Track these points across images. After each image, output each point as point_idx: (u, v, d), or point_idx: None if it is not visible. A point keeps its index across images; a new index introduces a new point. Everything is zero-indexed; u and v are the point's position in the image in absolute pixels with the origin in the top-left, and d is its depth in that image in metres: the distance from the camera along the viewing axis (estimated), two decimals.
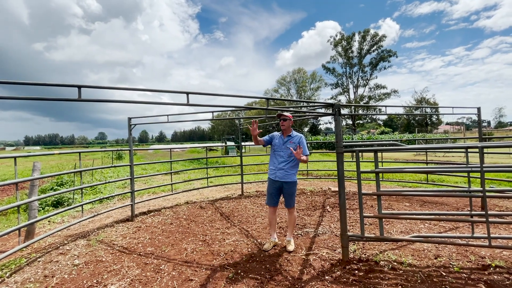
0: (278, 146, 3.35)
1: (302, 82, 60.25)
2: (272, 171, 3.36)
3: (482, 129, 5.19)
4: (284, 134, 3.38)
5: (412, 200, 5.58)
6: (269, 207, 3.53)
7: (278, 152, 3.35)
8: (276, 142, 3.40)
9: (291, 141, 3.31)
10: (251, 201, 6.09)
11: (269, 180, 3.41)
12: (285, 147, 3.30)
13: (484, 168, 2.77)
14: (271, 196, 3.43)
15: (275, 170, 3.33)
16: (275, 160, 3.36)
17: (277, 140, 3.41)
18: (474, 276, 2.56)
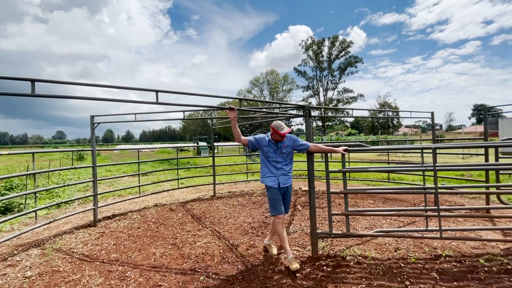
0: (271, 153, 3.05)
1: (275, 84, 61.28)
2: (273, 179, 3.03)
3: (435, 131, 5.73)
4: (274, 141, 3.06)
5: (376, 198, 5.95)
6: (279, 216, 2.99)
7: (272, 159, 3.06)
8: (268, 150, 3.05)
9: (284, 145, 3.05)
10: (224, 202, 6.03)
11: (273, 189, 3.02)
12: (280, 152, 3.05)
13: (437, 167, 3.06)
14: (279, 203, 3.01)
15: (276, 177, 3.03)
16: (271, 168, 3.05)
17: (268, 147, 3.05)
18: (428, 265, 2.81)
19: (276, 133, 2.94)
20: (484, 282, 2.44)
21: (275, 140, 3.04)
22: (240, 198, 6.46)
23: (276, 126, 2.96)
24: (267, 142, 3.07)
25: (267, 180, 3.06)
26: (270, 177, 3.06)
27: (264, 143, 3.08)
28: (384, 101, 53.81)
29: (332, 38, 50.34)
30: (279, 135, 2.96)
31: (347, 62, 50.34)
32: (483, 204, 5.09)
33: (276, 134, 2.96)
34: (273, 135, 3.03)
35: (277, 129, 2.94)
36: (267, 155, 3.07)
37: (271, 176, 3.06)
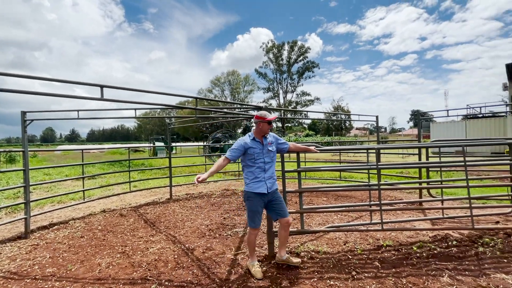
0: (258, 153, 2.72)
1: (236, 84, 61.29)
2: (261, 184, 2.68)
3: (379, 134, 6.34)
4: (260, 137, 2.78)
5: (329, 195, 6.33)
6: (255, 229, 2.79)
7: (260, 159, 2.72)
8: (254, 151, 2.71)
9: (269, 142, 2.82)
10: (181, 205, 5.80)
11: (256, 196, 2.68)
12: (267, 151, 2.76)
13: (380, 166, 3.37)
14: (259, 214, 2.75)
15: (263, 181, 2.69)
16: (259, 172, 2.70)
17: (254, 147, 2.71)
18: (371, 256, 3.08)
19: (264, 120, 2.69)
20: (416, 267, 2.77)
21: (261, 136, 2.77)
22: (199, 200, 6.29)
23: (261, 114, 2.73)
24: (251, 142, 2.73)
25: (254, 186, 2.67)
26: (257, 183, 2.68)
27: (249, 144, 2.72)
28: (338, 105, 57.76)
29: (292, 42, 52.39)
30: (267, 123, 2.71)
31: (305, 66, 52.89)
32: (417, 198, 5.79)
33: (264, 123, 2.70)
34: (260, 127, 2.73)
35: (264, 116, 2.70)
36: (254, 156, 2.70)
37: (258, 181, 2.69)
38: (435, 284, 2.42)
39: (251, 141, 2.74)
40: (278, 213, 2.79)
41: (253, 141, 2.75)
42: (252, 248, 2.83)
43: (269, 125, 2.75)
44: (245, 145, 2.71)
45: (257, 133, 2.77)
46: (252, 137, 2.77)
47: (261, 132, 2.75)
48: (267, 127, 2.75)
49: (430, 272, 2.64)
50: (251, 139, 2.76)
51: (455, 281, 2.46)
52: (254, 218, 2.74)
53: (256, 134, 2.77)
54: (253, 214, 2.73)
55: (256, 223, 2.76)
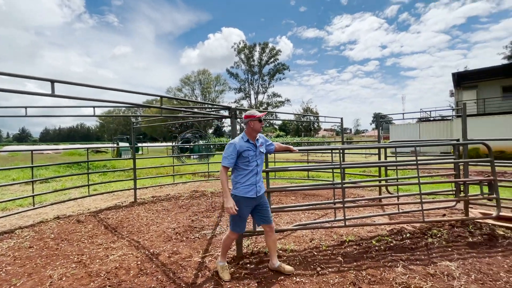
0: (252, 156, 2.61)
1: (207, 84, 60.27)
2: (251, 188, 2.59)
3: (345, 134, 6.67)
4: (252, 139, 2.66)
5: (297, 194, 6.51)
6: (235, 234, 2.69)
7: (253, 162, 2.61)
8: (249, 153, 2.59)
9: (260, 143, 2.72)
10: (146, 208, 5.53)
11: (243, 200, 2.56)
12: (259, 153, 2.67)
13: (343, 165, 3.54)
14: (243, 219, 2.64)
15: (254, 185, 2.60)
16: (249, 175, 2.59)
17: (248, 150, 2.59)
18: (335, 251, 3.22)
19: (254, 118, 2.57)
20: (375, 259, 2.96)
21: (253, 137, 2.65)
22: (165, 202, 6.05)
23: (250, 113, 2.61)
24: (244, 146, 2.58)
25: (245, 190, 2.57)
26: (248, 187, 2.57)
27: (243, 147, 2.56)
28: (307, 107, 59.75)
29: (263, 44, 52.96)
30: (258, 121, 2.60)
31: (276, 68, 53.82)
32: (377, 195, 6.20)
33: (255, 121, 2.58)
34: (252, 127, 2.60)
35: (253, 114, 2.59)
36: (249, 159, 2.58)
37: (249, 185, 2.58)
38: (390, 275, 2.61)
39: (245, 143, 2.59)
40: (263, 219, 2.71)
41: (247, 143, 2.60)
42: (226, 250, 2.76)
43: (260, 123, 2.63)
44: (239, 148, 2.55)
45: (250, 134, 2.63)
46: (246, 138, 2.62)
47: (253, 131, 2.62)
48: (259, 125, 2.63)
49: (386, 264, 2.84)
50: (244, 141, 2.61)
51: (407, 271, 2.68)
52: (239, 223, 2.63)
53: (249, 135, 2.63)
54: (240, 219, 2.61)
55: (241, 228, 2.65)
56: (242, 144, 2.58)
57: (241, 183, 2.58)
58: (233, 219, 2.64)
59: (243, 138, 2.63)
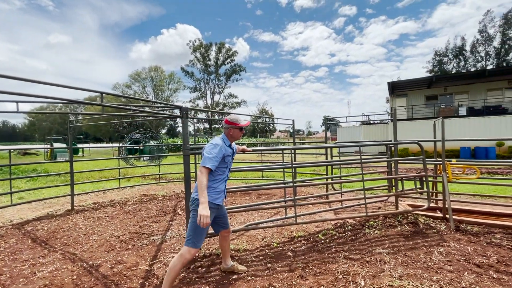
0: (230, 162, 2.51)
1: (160, 81, 57.14)
2: (220, 194, 2.44)
3: (297, 136, 7.00)
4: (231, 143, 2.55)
5: (251, 194, 6.61)
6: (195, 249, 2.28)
7: (227, 169, 2.50)
8: (229, 159, 2.47)
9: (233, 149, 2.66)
10: (85, 216, 4.99)
11: (212, 209, 2.32)
12: (232, 158, 2.60)
13: (295, 165, 3.71)
14: (205, 233, 2.40)
15: (223, 192, 2.47)
16: (222, 181, 2.45)
17: (229, 155, 2.47)
18: (285, 247, 3.36)
19: (236, 126, 2.44)
20: (321, 252, 3.18)
21: (231, 141, 2.52)
22: (110, 209, 5.54)
23: (233, 119, 2.46)
24: (229, 150, 2.45)
25: (214, 197, 2.37)
26: (218, 193, 2.40)
27: (227, 151, 2.42)
28: (263, 108, 61.16)
29: (219, 44, 52.44)
30: (238, 130, 2.46)
31: (232, 69, 53.82)
32: (325, 192, 6.67)
33: (235, 129, 2.45)
34: (231, 134, 2.47)
35: (236, 121, 2.44)
36: (227, 165, 2.46)
37: (220, 191, 2.42)
38: (333, 265, 2.83)
39: (228, 148, 2.44)
40: (222, 226, 2.61)
41: (228, 147, 2.45)
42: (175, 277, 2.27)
43: (240, 131, 2.48)
44: (224, 152, 2.36)
45: (230, 139, 2.50)
46: (228, 143, 2.47)
47: (232, 139, 2.50)
48: (240, 134, 2.49)
49: (331, 255, 3.07)
50: (227, 145, 2.44)
51: (348, 260, 2.94)
52: (201, 235, 2.27)
53: (230, 139, 2.50)
54: (202, 230, 2.25)
55: (200, 241, 2.29)
56: (227, 148, 2.41)
57: (213, 188, 2.37)
58: (197, 232, 2.24)
59: (225, 142, 2.44)
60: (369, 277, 2.57)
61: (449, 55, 42.00)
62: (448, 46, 42.08)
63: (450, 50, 41.84)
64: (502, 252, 3.01)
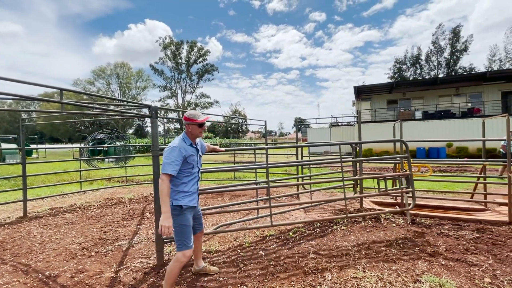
0: (196, 162, 2.38)
1: (127, 79, 54.24)
2: (194, 196, 2.37)
3: (269, 137, 7.12)
4: (194, 142, 2.42)
5: (224, 195, 6.57)
6: (190, 251, 2.25)
7: (196, 168, 2.40)
8: (193, 159, 2.34)
9: (201, 146, 2.58)
10: (41, 223, 4.57)
11: (189, 210, 2.31)
12: (199, 157, 2.48)
13: (269, 165, 3.77)
14: (192, 231, 2.33)
15: (195, 193, 2.39)
16: (192, 182, 2.35)
17: (193, 154, 2.34)
18: (257, 246, 3.40)
19: (192, 122, 2.30)
20: (291, 248, 3.27)
21: (193, 139, 2.39)
22: (69, 214, 5.14)
23: (190, 115, 2.32)
24: (189, 150, 2.30)
25: (188, 199, 2.29)
26: (191, 195, 2.33)
27: (188, 152, 2.29)
28: (236, 109, 61.05)
29: (191, 42, 51.29)
30: (197, 126, 2.33)
31: (205, 68, 52.95)
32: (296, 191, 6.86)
33: (193, 125, 2.32)
34: (189, 131, 2.34)
35: (193, 117, 2.31)
36: (193, 165, 2.34)
37: (192, 192, 2.34)
38: (303, 262, 2.93)
39: (189, 147, 2.32)
40: (198, 227, 2.55)
41: (190, 146, 2.33)
42: (174, 279, 2.25)
43: (199, 128, 2.36)
44: (185, 153, 2.25)
45: (191, 137, 2.38)
46: (189, 142, 2.35)
47: (192, 136, 2.38)
48: (198, 130, 2.36)
49: (300, 251, 3.18)
50: (188, 144, 2.32)
51: (317, 255, 3.07)
52: (187, 237, 2.23)
53: (191, 137, 2.38)
54: (187, 230, 2.24)
55: (190, 241, 2.25)
56: (187, 148, 2.29)
57: (185, 192, 2.29)
58: (179, 234, 2.22)
59: (185, 141, 2.33)
60: (336, 270, 2.72)
61: (407, 63, 45.73)
62: (407, 54, 45.82)
63: (408, 59, 45.57)
64: (450, 241, 3.37)
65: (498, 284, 2.43)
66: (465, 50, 40.57)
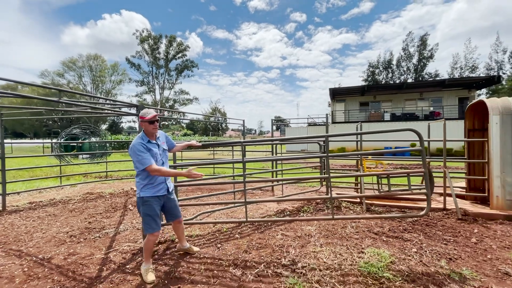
0: (157, 155, 2.64)
1: (100, 72, 51.89)
2: (161, 186, 2.67)
3: (249, 135, 7.60)
4: (153, 138, 2.67)
5: (203, 190, 6.95)
6: (154, 234, 2.64)
7: (159, 161, 2.65)
8: (154, 153, 2.60)
9: (163, 141, 2.81)
10: (22, 216, 4.70)
11: (153, 200, 2.61)
12: (162, 150, 2.74)
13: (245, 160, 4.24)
14: (157, 217, 2.65)
15: (163, 183, 2.69)
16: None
17: (152, 149, 2.60)
18: (234, 231, 3.88)
19: (143, 120, 2.54)
20: (263, 232, 3.78)
21: (153, 137, 2.65)
22: (50, 208, 5.26)
23: (142, 113, 2.59)
24: (149, 145, 2.58)
25: (154, 190, 2.61)
26: (157, 186, 2.63)
27: (148, 147, 2.57)
28: (215, 106, 60.76)
29: (170, 37, 50.23)
30: (148, 123, 2.55)
31: (184, 64, 52.16)
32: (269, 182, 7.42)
33: (144, 123, 2.55)
34: (144, 128, 2.59)
35: (143, 115, 2.55)
36: (156, 159, 2.60)
37: (158, 183, 2.64)
38: (272, 241, 3.45)
39: (148, 143, 2.59)
40: (173, 215, 2.88)
41: (149, 143, 2.60)
42: (149, 253, 2.70)
43: (151, 125, 2.57)
44: (148, 151, 2.54)
45: (148, 135, 2.64)
46: (147, 139, 2.60)
47: (148, 133, 2.63)
48: (150, 127, 2.58)
49: (270, 234, 3.70)
50: (145, 142, 2.58)
51: (284, 236, 3.61)
52: (152, 223, 2.61)
53: (148, 135, 2.64)
54: (152, 218, 2.61)
55: (155, 227, 2.63)
56: (146, 145, 2.56)
57: (151, 184, 2.60)
58: (146, 222, 2.61)
59: (143, 139, 2.58)
60: (299, 247, 3.27)
61: (380, 67, 48.44)
62: (380, 59, 48.53)
63: (380, 63, 48.29)
64: (393, 224, 4.07)
65: (422, 253, 3.11)
66: (431, 57, 43.87)
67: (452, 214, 4.49)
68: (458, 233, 3.69)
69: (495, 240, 3.45)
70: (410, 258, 2.96)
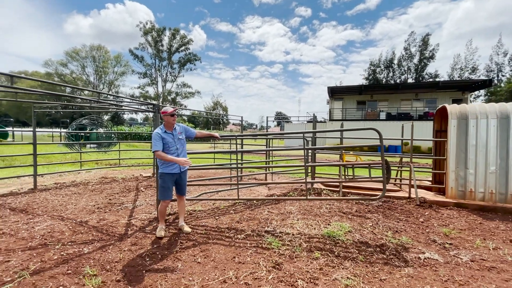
0: (171, 142, 3.37)
1: (103, 63, 52.40)
2: (172, 166, 3.41)
3: (250, 129, 8.42)
4: (170, 129, 3.41)
5: (204, 175, 7.81)
6: (166, 201, 3.52)
7: (173, 147, 3.39)
8: (168, 141, 3.36)
9: (179, 132, 3.50)
10: (52, 193, 5.58)
11: (167, 175, 3.42)
12: (177, 139, 3.45)
13: (240, 150, 5.09)
14: (168, 189, 3.46)
15: (175, 163, 3.40)
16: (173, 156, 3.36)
17: (166, 138, 3.35)
18: (229, 209, 4.75)
19: (165, 114, 3.32)
20: (253, 210, 4.65)
21: (170, 128, 3.40)
22: (73, 188, 6.15)
23: (164, 109, 3.37)
24: (164, 134, 3.34)
25: (169, 168, 3.40)
26: (172, 165, 3.39)
27: (163, 136, 3.33)
28: (217, 100, 61.40)
29: (173, 30, 50.58)
30: (169, 116, 3.33)
31: (187, 58, 52.60)
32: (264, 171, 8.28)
33: (166, 116, 3.33)
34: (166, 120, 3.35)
35: (166, 110, 3.34)
36: (168, 145, 3.35)
37: (172, 163, 3.38)
38: (259, 216, 4.32)
39: (164, 133, 3.35)
40: (180, 191, 3.64)
41: (165, 133, 3.36)
42: (162, 216, 3.57)
43: (171, 117, 3.37)
44: (161, 139, 3.32)
45: (167, 126, 3.40)
46: (164, 130, 3.38)
47: (168, 125, 3.39)
48: (171, 119, 3.37)
49: (259, 211, 4.57)
50: (162, 132, 3.35)
51: (269, 213, 4.48)
52: (164, 193, 3.45)
53: (166, 127, 3.40)
54: (164, 189, 3.44)
55: (167, 196, 3.46)
56: (162, 134, 3.33)
57: (166, 164, 3.41)
58: (160, 191, 3.47)
59: (161, 129, 3.38)
60: (280, 220, 4.14)
61: (381, 66, 48.84)
62: (381, 57, 48.89)
63: (382, 62, 48.67)
64: (361, 207, 4.94)
65: (375, 226, 3.97)
66: (432, 58, 44.24)
67: (413, 201, 5.35)
68: (411, 215, 4.56)
69: (438, 220, 4.32)
70: (365, 229, 3.84)
